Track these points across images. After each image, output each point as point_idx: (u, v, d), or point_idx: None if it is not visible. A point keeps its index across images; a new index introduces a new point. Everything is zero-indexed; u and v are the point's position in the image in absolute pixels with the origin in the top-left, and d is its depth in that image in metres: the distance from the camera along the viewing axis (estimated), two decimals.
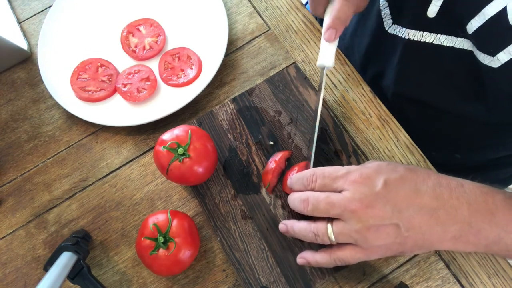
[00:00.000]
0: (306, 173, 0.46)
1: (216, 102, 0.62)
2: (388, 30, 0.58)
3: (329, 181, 0.43)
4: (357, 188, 0.41)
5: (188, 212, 0.56)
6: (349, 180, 0.42)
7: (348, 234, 0.41)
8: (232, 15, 0.67)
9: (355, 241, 0.41)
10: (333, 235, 0.42)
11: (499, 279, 0.50)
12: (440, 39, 0.52)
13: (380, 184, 0.41)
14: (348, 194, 0.41)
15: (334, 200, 0.41)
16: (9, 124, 0.63)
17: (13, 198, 0.59)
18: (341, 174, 0.43)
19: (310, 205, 0.43)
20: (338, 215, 0.41)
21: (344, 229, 0.41)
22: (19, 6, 0.71)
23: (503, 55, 0.45)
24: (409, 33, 0.55)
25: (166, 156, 0.49)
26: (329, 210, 0.42)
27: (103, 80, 0.63)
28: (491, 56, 0.46)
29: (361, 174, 0.42)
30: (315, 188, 0.44)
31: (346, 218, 0.41)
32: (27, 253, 0.56)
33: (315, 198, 0.43)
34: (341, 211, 0.41)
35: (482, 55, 0.47)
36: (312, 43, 0.63)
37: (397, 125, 0.58)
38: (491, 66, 0.47)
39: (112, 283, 0.54)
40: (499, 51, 0.45)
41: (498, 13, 0.43)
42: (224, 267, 0.53)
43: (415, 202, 0.40)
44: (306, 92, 0.59)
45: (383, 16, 0.58)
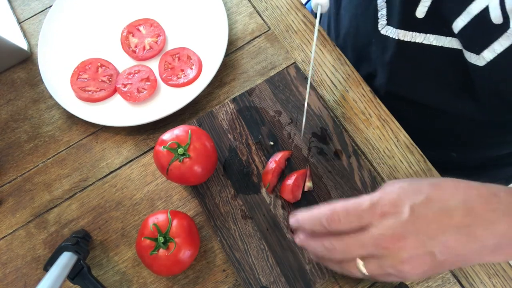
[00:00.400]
0: (324, 213, 0.41)
1: (216, 102, 0.62)
2: (381, 31, 0.58)
3: (355, 219, 0.40)
4: (385, 222, 0.38)
5: (188, 212, 0.56)
6: (376, 214, 0.39)
7: (382, 268, 0.39)
8: (232, 15, 0.67)
9: (389, 274, 0.39)
10: (365, 270, 0.40)
11: (499, 279, 0.50)
12: (430, 39, 0.53)
13: (407, 212, 0.38)
14: (376, 231, 0.38)
15: (365, 240, 0.39)
16: (9, 124, 0.63)
17: (13, 198, 0.59)
18: (365, 208, 0.40)
19: (341, 253, 0.40)
20: (370, 253, 0.39)
21: (377, 265, 0.39)
22: (19, 6, 0.71)
23: (488, 53, 0.45)
24: (399, 34, 0.56)
25: (166, 156, 0.49)
26: (360, 251, 0.39)
27: (103, 80, 0.63)
28: (477, 54, 0.46)
29: (385, 204, 0.39)
30: (338, 227, 0.40)
31: (379, 256, 0.39)
32: (27, 253, 0.56)
33: (343, 244, 0.40)
34: (373, 249, 0.39)
35: (468, 54, 0.48)
36: (312, 43, 0.63)
37: (397, 125, 0.58)
38: (477, 64, 0.47)
39: (112, 283, 0.54)
40: (484, 49, 0.45)
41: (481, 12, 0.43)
42: (224, 267, 0.53)
43: (447, 224, 0.38)
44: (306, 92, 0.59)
45: (379, 17, 0.58)
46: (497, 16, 0.42)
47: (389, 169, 0.56)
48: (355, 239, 0.39)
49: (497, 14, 0.42)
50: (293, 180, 0.53)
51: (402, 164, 0.56)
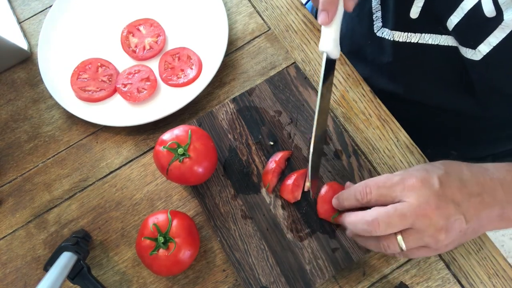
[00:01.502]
0: (357, 188, 0.45)
1: (216, 102, 0.62)
2: (376, 33, 0.58)
3: (386, 191, 0.42)
4: (419, 192, 0.41)
5: (188, 212, 0.56)
6: (408, 185, 0.41)
7: (421, 239, 0.41)
8: (232, 15, 0.67)
9: (426, 244, 0.41)
10: (404, 245, 0.41)
11: (499, 279, 0.50)
12: (425, 38, 0.53)
13: (437, 183, 0.41)
14: (414, 201, 0.40)
15: (404, 211, 0.40)
16: (9, 124, 0.63)
17: (13, 198, 0.59)
18: (396, 181, 0.42)
19: (382, 224, 0.41)
20: (410, 224, 0.40)
21: (416, 236, 0.41)
22: (19, 6, 0.71)
23: (483, 46, 0.45)
24: (394, 35, 0.56)
25: (166, 156, 0.49)
26: (402, 222, 0.41)
27: (103, 80, 0.63)
28: (473, 49, 0.47)
29: (415, 178, 0.42)
30: (371, 200, 0.43)
31: (418, 225, 0.40)
32: (27, 253, 0.56)
33: (385, 215, 0.41)
34: (413, 219, 0.40)
35: (464, 49, 0.48)
36: (312, 43, 0.63)
37: (397, 125, 0.58)
38: (473, 59, 0.47)
39: (112, 283, 0.54)
40: (480, 43, 0.46)
41: (474, 6, 0.44)
42: (224, 267, 0.53)
43: (465, 192, 0.42)
44: (306, 92, 0.59)
45: (374, 19, 0.59)
46: (490, 9, 0.42)
47: (389, 169, 0.56)
48: (394, 209, 0.41)
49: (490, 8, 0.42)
50: (293, 180, 0.53)
51: (402, 164, 0.56)
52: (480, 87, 0.52)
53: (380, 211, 0.41)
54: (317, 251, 0.51)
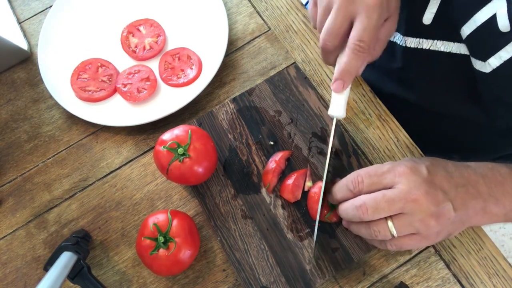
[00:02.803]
0: (349, 178, 0.45)
1: (216, 102, 0.62)
2: None
3: (377, 178, 0.43)
4: (409, 178, 0.42)
5: (188, 212, 0.56)
6: (398, 172, 0.43)
7: (411, 225, 0.42)
8: (232, 15, 0.67)
9: (417, 231, 0.42)
10: (395, 230, 0.42)
11: (499, 279, 0.50)
12: (437, 45, 0.53)
13: (425, 171, 0.43)
14: (403, 186, 0.42)
15: (393, 196, 0.41)
16: (9, 124, 0.63)
17: (13, 198, 0.59)
18: (387, 169, 0.43)
19: (370, 209, 0.42)
20: (400, 209, 0.41)
21: (407, 221, 0.42)
22: (19, 6, 0.71)
23: (494, 60, 0.45)
24: (407, 40, 0.56)
25: (166, 156, 0.49)
26: (391, 207, 0.41)
27: (103, 80, 0.63)
28: (483, 61, 0.46)
29: (406, 165, 0.43)
30: (363, 189, 0.44)
31: (408, 210, 0.41)
32: (27, 253, 0.56)
33: (372, 200, 0.42)
34: (402, 204, 0.41)
35: (474, 60, 0.48)
36: (312, 43, 0.63)
37: (397, 125, 0.58)
38: (483, 71, 0.47)
39: (112, 283, 0.54)
40: (490, 56, 0.45)
41: (488, 20, 0.43)
42: (224, 267, 0.53)
43: (451, 182, 0.43)
44: (306, 92, 0.59)
45: None
46: (504, 24, 0.42)
47: None
48: (382, 194, 0.42)
49: (505, 23, 0.42)
50: (293, 180, 0.53)
51: None
52: (487, 97, 0.51)
53: (369, 196, 0.43)
54: (317, 251, 0.51)
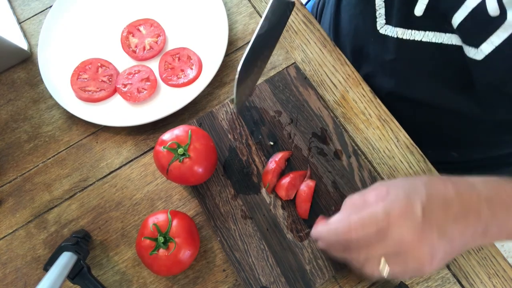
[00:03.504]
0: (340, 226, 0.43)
1: (216, 102, 0.62)
2: (379, 30, 0.58)
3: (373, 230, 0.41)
4: (403, 225, 0.41)
5: (188, 212, 0.56)
6: (392, 220, 0.41)
7: (406, 265, 0.41)
8: (232, 15, 0.67)
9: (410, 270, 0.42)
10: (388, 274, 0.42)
11: (499, 279, 0.50)
12: (429, 36, 0.53)
13: (419, 211, 0.41)
14: (397, 234, 0.41)
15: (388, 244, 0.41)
16: (9, 124, 0.63)
17: (13, 198, 0.59)
18: (381, 218, 0.41)
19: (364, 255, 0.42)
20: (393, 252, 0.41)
21: (401, 262, 0.41)
22: (19, 6, 0.71)
23: (486, 46, 0.45)
24: (398, 32, 0.56)
25: (166, 156, 0.49)
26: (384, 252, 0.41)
27: (103, 80, 0.63)
28: (475, 48, 0.47)
29: (398, 208, 0.41)
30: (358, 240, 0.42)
31: (404, 258, 0.41)
32: (27, 253, 0.56)
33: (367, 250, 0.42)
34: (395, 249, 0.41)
35: (467, 48, 0.48)
36: (312, 43, 0.63)
37: (397, 125, 0.58)
38: (476, 58, 0.47)
39: (112, 283, 0.54)
40: (482, 42, 0.46)
41: (478, 5, 0.44)
42: (224, 267, 0.53)
43: (450, 214, 0.41)
44: (306, 92, 0.59)
45: (377, 16, 0.59)
46: (493, 8, 0.43)
47: (389, 169, 0.56)
48: (378, 242, 0.41)
49: (493, 7, 0.42)
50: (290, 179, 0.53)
51: (402, 164, 0.56)
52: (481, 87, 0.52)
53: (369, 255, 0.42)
54: (317, 251, 0.51)
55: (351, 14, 0.67)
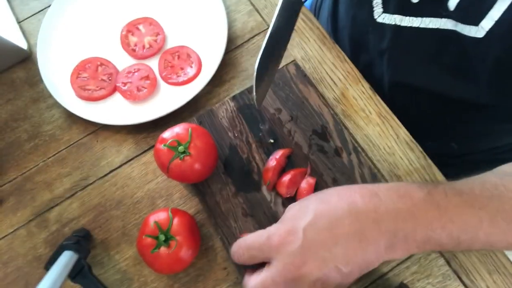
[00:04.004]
0: (233, 249, 0.45)
1: (216, 100, 0.62)
2: (377, 19, 0.59)
3: (256, 252, 0.43)
4: (283, 253, 0.40)
5: (189, 210, 0.56)
6: (273, 246, 0.41)
7: None
8: (231, 14, 0.67)
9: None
10: None
11: (500, 275, 0.50)
12: (425, 22, 0.53)
13: (301, 236, 0.40)
14: (278, 264, 0.40)
15: (273, 278, 0.40)
16: (9, 123, 0.63)
17: (14, 197, 0.59)
18: (263, 242, 0.42)
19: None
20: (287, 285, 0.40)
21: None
22: (18, 5, 0.71)
23: (486, 22, 0.45)
24: (396, 19, 0.56)
25: (167, 154, 0.49)
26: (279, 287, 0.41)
27: (103, 79, 0.63)
28: (476, 25, 0.47)
29: (280, 234, 0.41)
30: (246, 261, 0.44)
31: (294, 285, 0.40)
32: (28, 252, 0.56)
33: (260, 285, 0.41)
34: (283, 283, 0.40)
35: (467, 28, 0.48)
36: (311, 41, 0.63)
37: (397, 122, 0.58)
38: (477, 36, 0.47)
39: (113, 281, 0.54)
40: (482, 18, 0.46)
41: None
42: (225, 265, 0.53)
43: (339, 234, 0.40)
44: (306, 90, 0.59)
45: (374, 6, 0.59)
46: None
47: (390, 166, 0.56)
48: (266, 277, 0.41)
49: None
50: (291, 176, 0.53)
51: (403, 161, 0.56)
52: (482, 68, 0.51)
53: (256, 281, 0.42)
54: None
55: (348, 5, 0.67)
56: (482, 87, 0.54)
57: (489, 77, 0.52)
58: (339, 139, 0.56)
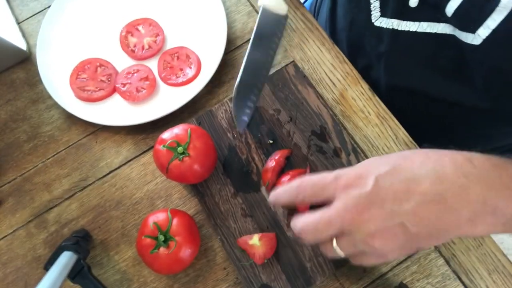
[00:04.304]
0: (294, 184, 0.42)
1: (215, 101, 0.62)
2: (374, 23, 0.59)
3: (319, 190, 0.40)
4: (348, 194, 0.38)
5: (188, 210, 0.56)
6: (339, 186, 0.38)
7: (354, 246, 0.38)
8: (231, 14, 0.67)
9: (362, 250, 0.38)
10: (340, 251, 0.39)
11: (499, 275, 0.50)
12: (423, 26, 0.53)
13: (371, 182, 0.37)
14: (340, 205, 0.38)
15: (330, 217, 0.38)
16: (8, 124, 0.63)
17: (13, 198, 0.59)
18: (329, 181, 0.39)
19: (309, 234, 0.39)
20: (339, 229, 0.38)
21: (349, 243, 0.38)
22: (18, 6, 0.71)
23: (482, 30, 0.46)
24: (393, 24, 0.56)
25: (166, 155, 0.49)
26: (329, 229, 0.38)
27: (102, 80, 0.63)
28: (472, 33, 0.47)
29: (349, 176, 0.39)
30: (305, 197, 0.40)
31: (347, 231, 0.38)
32: (27, 253, 0.56)
33: (311, 224, 0.39)
34: (340, 225, 0.37)
35: (464, 34, 0.48)
36: (310, 42, 0.63)
37: (396, 123, 0.58)
38: (473, 44, 0.47)
39: (112, 282, 0.54)
40: (479, 26, 0.46)
41: None
42: (224, 265, 0.53)
43: (415, 192, 0.36)
44: (305, 90, 0.59)
45: (372, 9, 0.59)
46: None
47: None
48: (320, 216, 0.38)
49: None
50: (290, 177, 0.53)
51: None
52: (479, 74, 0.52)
53: (308, 219, 0.39)
54: (317, 249, 0.51)
55: (346, 8, 0.68)
56: (478, 91, 0.54)
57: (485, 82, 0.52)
58: (338, 140, 0.56)
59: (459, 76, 0.55)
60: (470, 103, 0.57)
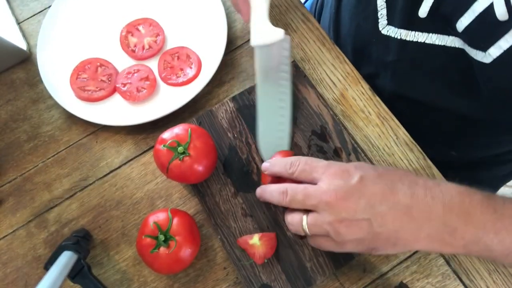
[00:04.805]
0: (290, 158, 0.47)
1: (215, 101, 0.62)
2: (382, 31, 0.58)
3: (309, 168, 0.44)
4: (333, 180, 0.42)
5: (189, 210, 0.56)
6: (328, 172, 0.43)
7: (321, 226, 0.42)
8: (231, 14, 0.67)
9: (327, 233, 0.42)
10: (305, 225, 0.43)
11: (499, 275, 0.50)
12: (432, 38, 0.53)
13: (356, 178, 0.41)
14: (323, 185, 0.42)
15: (310, 191, 0.42)
16: (8, 124, 0.63)
17: (14, 198, 0.59)
18: (321, 165, 0.44)
19: (288, 196, 0.43)
20: (313, 206, 0.42)
21: (318, 220, 0.42)
22: (18, 6, 0.71)
23: (494, 50, 0.45)
24: (401, 33, 0.56)
25: (166, 155, 0.49)
26: (305, 200, 0.42)
27: (103, 80, 0.63)
28: (483, 51, 0.46)
29: (340, 168, 0.43)
30: (295, 172, 0.45)
31: (320, 210, 0.41)
32: (27, 253, 0.56)
33: (293, 190, 0.43)
34: (316, 202, 0.41)
35: (474, 51, 0.48)
36: (311, 42, 0.63)
37: (397, 123, 0.58)
38: (483, 61, 0.47)
39: (112, 282, 0.54)
40: (490, 46, 0.45)
41: (486, 9, 0.43)
42: (224, 265, 0.53)
43: (389, 198, 0.41)
44: (305, 90, 0.59)
45: (379, 17, 0.58)
46: (502, 13, 0.42)
47: (389, 166, 0.56)
48: (304, 187, 0.43)
49: (502, 11, 0.42)
50: None
51: (402, 161, 0.56)
52: (486, 89, 0.51)
53: (292, 185, 0.44)
54: (317, 249, 0.51)
55: (352, 14, 0.67)
56: (483, 105, 0.54)
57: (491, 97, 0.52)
58: (338, 140, 0.56)
59: (466, 90, 0.54)
60: (474, 115, 0.57)
